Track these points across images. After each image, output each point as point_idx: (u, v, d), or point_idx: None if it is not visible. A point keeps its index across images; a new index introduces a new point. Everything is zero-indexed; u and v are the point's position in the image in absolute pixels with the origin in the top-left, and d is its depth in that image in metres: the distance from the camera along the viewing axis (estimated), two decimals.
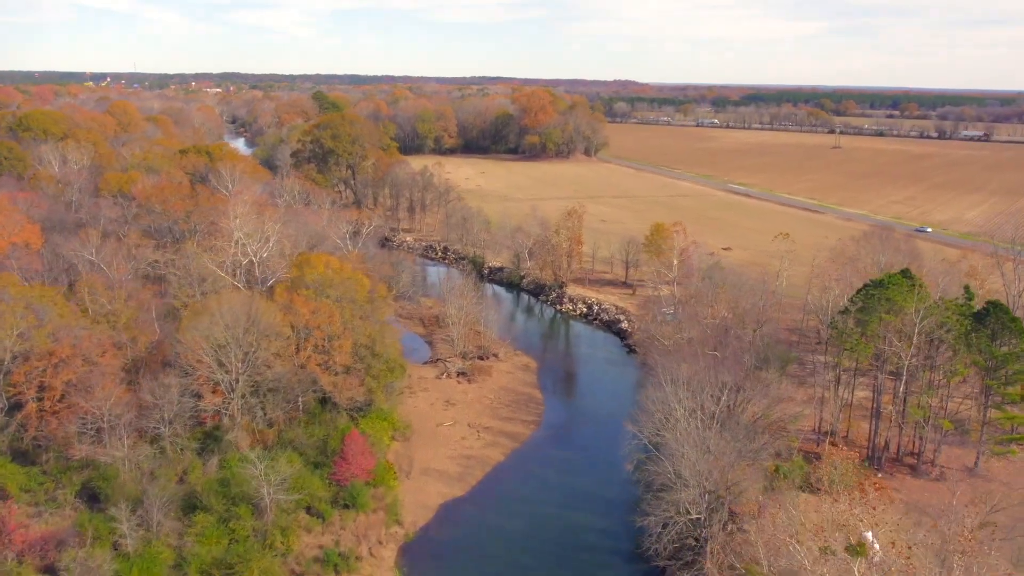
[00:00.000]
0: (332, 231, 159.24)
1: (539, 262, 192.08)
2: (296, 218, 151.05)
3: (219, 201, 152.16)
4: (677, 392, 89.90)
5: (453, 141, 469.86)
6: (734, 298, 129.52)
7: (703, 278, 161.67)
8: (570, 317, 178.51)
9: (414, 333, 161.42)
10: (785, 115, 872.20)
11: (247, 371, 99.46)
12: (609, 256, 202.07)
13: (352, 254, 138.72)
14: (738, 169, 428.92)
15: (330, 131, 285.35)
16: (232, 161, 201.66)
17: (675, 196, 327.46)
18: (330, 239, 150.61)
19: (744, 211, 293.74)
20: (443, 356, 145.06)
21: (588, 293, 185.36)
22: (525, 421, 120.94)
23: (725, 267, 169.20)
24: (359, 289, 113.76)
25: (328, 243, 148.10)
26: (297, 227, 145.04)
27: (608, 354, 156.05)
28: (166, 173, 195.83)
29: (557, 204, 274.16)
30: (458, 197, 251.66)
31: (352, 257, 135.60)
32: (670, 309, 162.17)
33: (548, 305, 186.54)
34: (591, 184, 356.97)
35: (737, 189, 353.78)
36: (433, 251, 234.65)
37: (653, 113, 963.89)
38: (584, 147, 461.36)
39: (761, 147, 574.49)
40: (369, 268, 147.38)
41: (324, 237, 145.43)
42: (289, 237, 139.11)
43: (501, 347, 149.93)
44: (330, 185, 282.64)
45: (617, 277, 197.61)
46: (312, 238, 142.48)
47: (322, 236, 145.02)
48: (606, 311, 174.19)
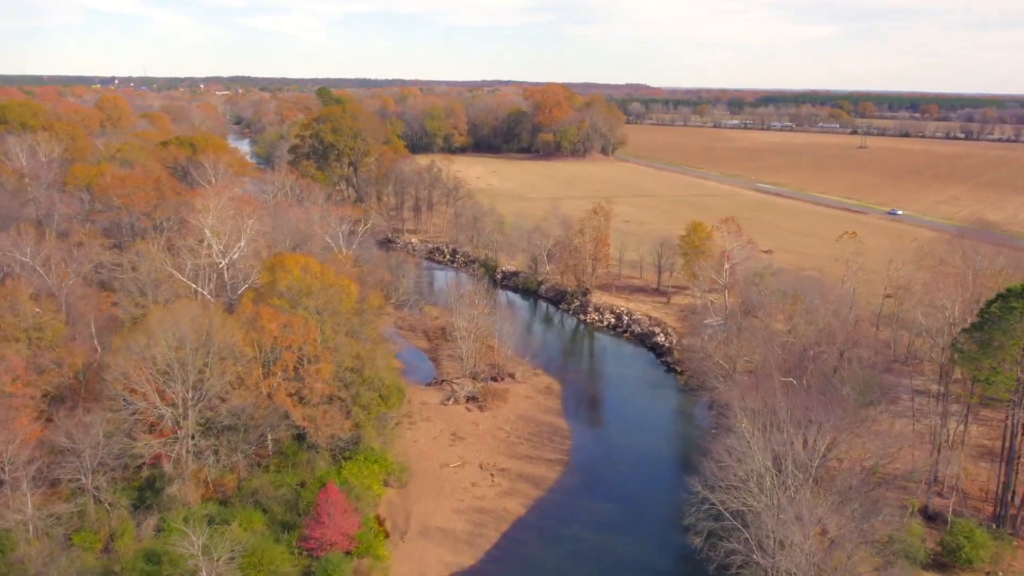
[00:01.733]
0: (323, 229, 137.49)
1: (560, 266, 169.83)
2: (280, 214, 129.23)
3: (191, 195, 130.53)
4: (761, 438, 67.33)
5: (463, 140, 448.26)
6: (806, 310, 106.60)
7: (751, 284, 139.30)
8: (596, 329, 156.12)
9: (416, 348, 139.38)
10: (805, 116, 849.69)
11: (197, 404, 77.56)
12: (638, 259, 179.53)
13: (342, 256, 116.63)
14: (764, 168, 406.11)
15: (330, 124, 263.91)
16: (216, 153, 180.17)
17: (701, 195, 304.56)
18: (318, 238, 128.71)
19: (779, 211, 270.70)
20: (450, 377, 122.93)
21: (616, 301, 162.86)
22: (549, 461, 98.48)
23: (778, 271, 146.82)
24: (345, 298, 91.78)
25: (316, 243, 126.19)
26: (280, 224, 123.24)
27: (643, 373, 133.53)
28: (141, 166, 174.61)
29: (575, 204, 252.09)
30: (468, 194, 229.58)
31: (342, 260, 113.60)
32: (717, 320, 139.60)
33: (570, 315, 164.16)
34: (610, 183, 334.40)
35: (767, 188, 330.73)
36: (440, 253, 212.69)
37: (668, 114, 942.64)
38: (601, 146, 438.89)
39: (784, 147, 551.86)
40: (363, 272, 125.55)
41: (310, 236, 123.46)
42: (268, 236, 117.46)
43: (518, 365, 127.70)
44: (330, 183, 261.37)
45: (648, 283, 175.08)
46: (297, 237, 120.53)
47: (307, 235, 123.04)
48: (638, 322, 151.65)
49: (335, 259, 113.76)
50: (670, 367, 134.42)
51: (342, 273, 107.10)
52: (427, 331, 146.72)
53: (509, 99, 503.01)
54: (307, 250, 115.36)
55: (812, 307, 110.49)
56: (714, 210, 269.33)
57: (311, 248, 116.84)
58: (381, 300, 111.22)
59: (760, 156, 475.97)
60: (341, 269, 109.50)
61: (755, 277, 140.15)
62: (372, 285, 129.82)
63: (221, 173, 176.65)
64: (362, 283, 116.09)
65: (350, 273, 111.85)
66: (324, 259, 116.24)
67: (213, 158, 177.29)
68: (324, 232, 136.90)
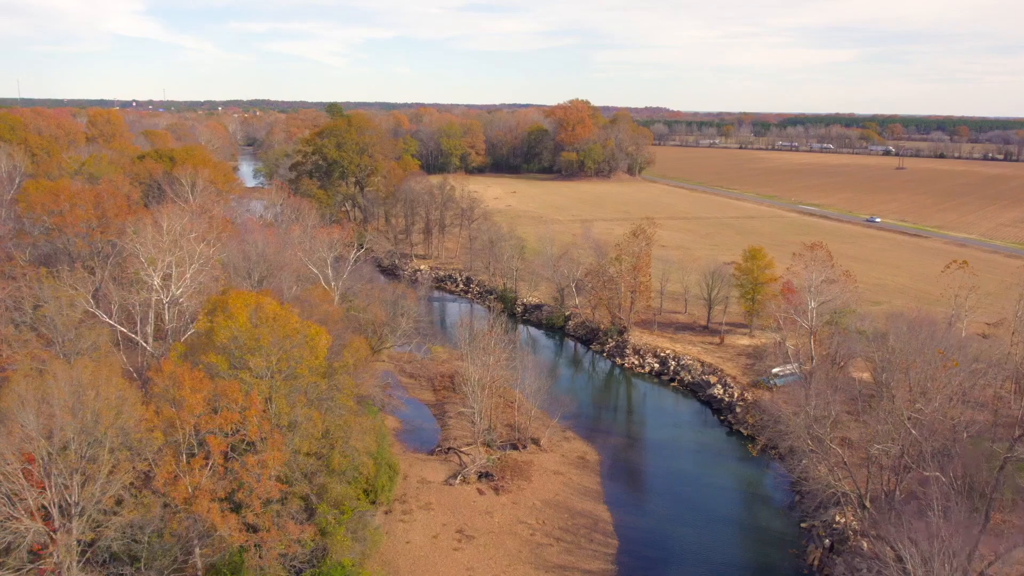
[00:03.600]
0: (307, 256, 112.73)
1: (591, 299, 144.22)
2: (246, 237, 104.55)
3: (144, 214, 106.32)
4: None
5: (481, 159, 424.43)
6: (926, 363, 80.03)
7: (828, 324, 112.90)
8: (635, 375, 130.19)
9: (419, 401, 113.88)
10: (835, 136, 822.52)
11: (75, 518, 52.39)
12: (682, 291, 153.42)
13: (320, 292, 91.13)
14: (802, 189, 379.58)
15: (334, 139, 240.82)
16: (195, 166, 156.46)
17: (740, 218, 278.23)
18: (296, 267, 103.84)
19: (830, 235, 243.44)
20: (458, 442, 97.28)
21: (659, 342, 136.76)
22: (589, 573, 72.35)
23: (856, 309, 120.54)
24: (310, 354, 66.52)
25: (295, 273, 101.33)
26: (249, 249, 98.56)
27: (699, 436, 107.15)
28: (107, 181, 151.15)
29: (604, 226, 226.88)
30: (484, 215, 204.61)
31: (320, 296, 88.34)
32: (788, 370, 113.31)
33: (603, 357, 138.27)
34: (640, 204, 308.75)
35: (811, 210, 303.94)
36: (452, 282, 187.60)
37: (692, 136, 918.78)
38: (627, 165, 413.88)
39: (818, 167, 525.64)
40: (351, 310, 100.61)
41: (283, 265, 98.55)
42: (229, 265, 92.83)
43: (544, 427, 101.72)
44: (334, 203, 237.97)
45: (695, 319, 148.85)
46: (265, 267, 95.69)
47: (280, 264, 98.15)
48: (687, 369, 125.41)
49: (313, 295, 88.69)
50: (732, 427, 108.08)
51: (316, 314, 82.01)
52: (433, 379, 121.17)
53: (529, 117, 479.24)
54: (277, 283, 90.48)
55: (929, 358, 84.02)
56: (758, 233, 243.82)
57: (282, 281, 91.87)
58: (367, 349, 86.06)
59: (795, 177, 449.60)
60: (316, 309, 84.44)
61: (834, 315, 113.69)
62: (363, 326, 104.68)
63: (200, 189, 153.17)
64: (346, 326, 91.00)
65: (331, 313, 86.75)
66: (299, 295, 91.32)
67: (191, 172, 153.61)
68: (308, 259, 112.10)
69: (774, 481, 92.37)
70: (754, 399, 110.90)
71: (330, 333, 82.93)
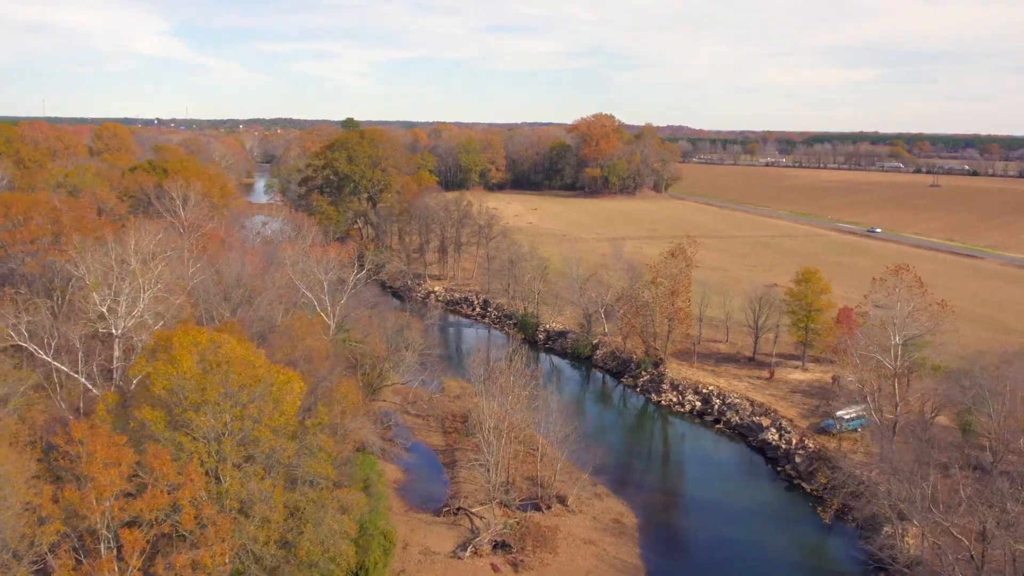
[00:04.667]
0: (300, 276, 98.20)
1: (623, 326, 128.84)
2: (224, 257, 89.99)
3: (108, 228, 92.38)
4: None
5: (501, 175, 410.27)
6: None
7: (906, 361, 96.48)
8: (673, 414, 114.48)
9: (426, 445, 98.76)
10: (864, 154, 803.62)
11: None
12: (723, 317, 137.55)
13: (298, 323, 76.16)
14: (837, 207, 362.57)
15: (346, 152, 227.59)
16: (187, 178, 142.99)
17: (776, 236, 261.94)
18: (283, 291, 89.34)
19: (877, 255, 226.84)
20: (470, 500, 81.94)
21: (700, 376, 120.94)
22: None
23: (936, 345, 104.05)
24: (277, 408, 51.66)
25: (278, 297, 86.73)
26: (225, 271, 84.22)
27: (755, 492, 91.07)
28: (90, 194, 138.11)
29: (631, 245, 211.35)
30: (504, 233, 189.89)
31: (302, 329, 73.49)
32: (856, 412, 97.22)
33: (636, 392, 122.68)
34: (668, 222, 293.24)
35: (850, 228, 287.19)
36: (469, 305, 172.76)
37: (716, 153, 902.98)
38: (653, 182, 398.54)
39: (849, 184, 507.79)
40: (344, 343, 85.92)
41: (263, 290, 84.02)
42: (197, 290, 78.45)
43: (572, 481, 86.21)
44: (344, 219, 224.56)
45: (738, 349, 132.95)
46: (243, 292, 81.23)
47: (259, 288, 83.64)
48: (734, 408, 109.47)
49: (296, 326, 73.99)
50: (792, 481, 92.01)
51: (298, 350, 67.25)
52: (443, 419, 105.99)
53: (551, 133, 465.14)
54: (255, 311, 75.91)
55: None
56: (797, 253, 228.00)
57: (261, 308, 77.29)
58: (357, 394, 71.30)
59: (827, 194, 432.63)
60: (299, 344, 69.71)
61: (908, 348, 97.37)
62: (360, 361, 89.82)
63: (192, 203, 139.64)
64: (337, 362, 76.23)
65: (316, 349, 72.00)
66: (280, 325, 76.76)
67: (183, 184, 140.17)
68: (301, 281, 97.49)
69: (851, 555, 76.20)
70: (817, 448, 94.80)
71: (316, 373, 68.25)
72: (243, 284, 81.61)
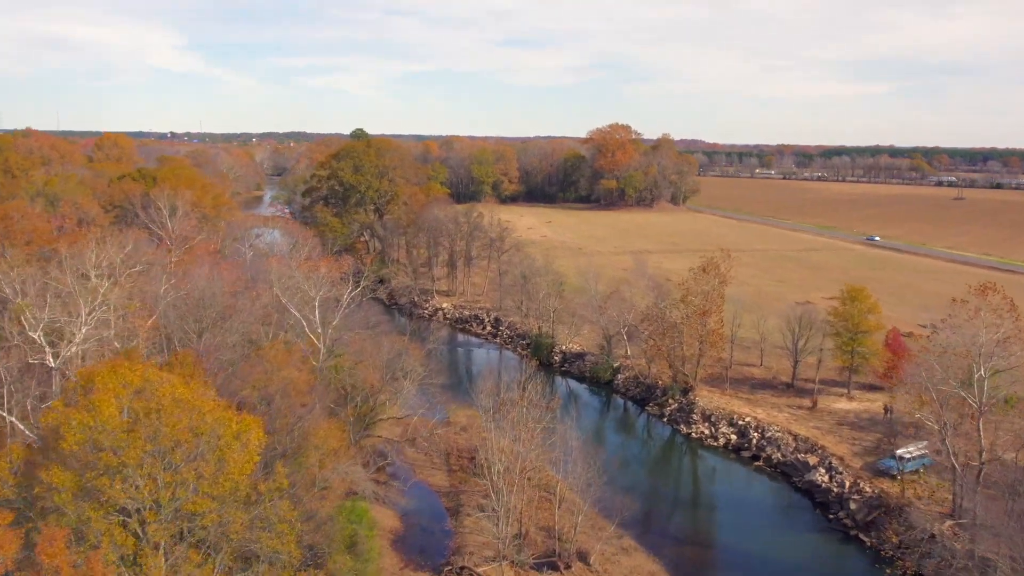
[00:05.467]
0: (287, 293, 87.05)
1: (647, 349, 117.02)
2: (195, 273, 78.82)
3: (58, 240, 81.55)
4: None
5: (514, 187, 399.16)
6: None
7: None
8: (705, 448, 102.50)
9: (427, 486, 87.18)
10: (883, 167, 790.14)
11: None
12: (757, 338, 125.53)
13: (273, 351, 64.80)
14: (861, 219, 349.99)
15: (351, 162, 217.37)
16: (176, 188, 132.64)
17: (803, 250, 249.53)
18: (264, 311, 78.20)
19: (910, 270, 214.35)
20: (475, 558, 70.22)
21: (734, 405, 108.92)
22: None
23: None
24: (220, 468, 40.26)
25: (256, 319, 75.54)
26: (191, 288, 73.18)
27: (806, 545, 78.85)
28: (69, 204, 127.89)
29: (651, 260, 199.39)
30: (516, 246, 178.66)
31: (278, 356, 62.25)
32: (918, 451, 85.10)
33: (663, 422, 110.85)
34: (688, 236, 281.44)
35: (880, 243, 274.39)
36: (479, 323, 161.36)
37: (733, 166, 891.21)
38: (671, 194, 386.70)
39: (870, 198, 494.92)
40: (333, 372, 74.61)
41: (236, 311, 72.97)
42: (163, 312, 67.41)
43: (594, 532, 74.34)
44: (349, 233, 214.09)
45: (773, 374, 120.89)
46: (213, 314, 70.15)
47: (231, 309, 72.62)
48: (775, 443, 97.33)
49: (270, 354, 62.73)
50: (848, 532, 79.80)
51: (273, 383, 56.01)
52: (449, 453, 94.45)
53: (565, 144, 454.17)
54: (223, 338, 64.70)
55: None
56: (826, 267, 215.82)
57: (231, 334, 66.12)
58: (338, 438, 60.05)
59: (849, 207, 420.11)
60: (274, 376, 58.44)
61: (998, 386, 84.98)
62: (351, 393, 78.45)
63: (180, 213, 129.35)
64: (321, 396, 64.89)
65: (294, 381, 60.71)
66: (252, 353, 65.50)
67: (169, 193, 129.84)
68: (289, 299, 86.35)
69: None
70: (875, 493, 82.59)
71: (294, 411, 56.91)
72: (213, 304, 70.48)
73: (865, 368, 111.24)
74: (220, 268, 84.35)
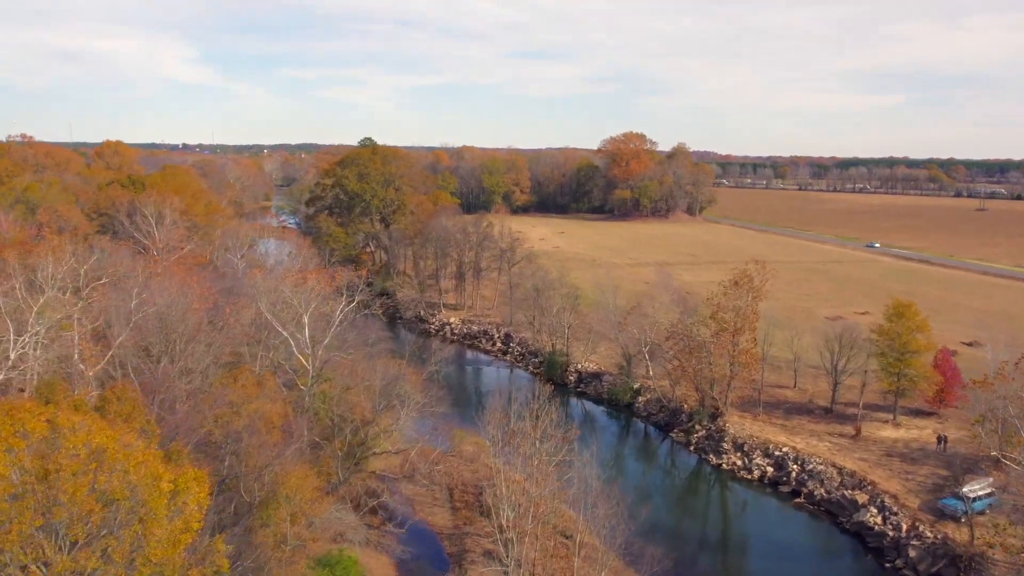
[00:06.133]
0: (272, 309, 77.72)
1: (672, 371, 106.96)
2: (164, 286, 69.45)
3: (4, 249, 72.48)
4: None
5: (526, 197, 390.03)
6: None
7: None
8: (738, 480, 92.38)
9: (427, 527, 77.40)
10: (901, 178, 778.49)
11: None
12: (790, 357, 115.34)
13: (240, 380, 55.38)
14: (883, 230, 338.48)
15: (356, 169, 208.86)
16: (164, 195, 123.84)
17: (828, 262, 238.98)
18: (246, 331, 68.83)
19: (944, 284, 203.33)
20: None
21: (769, 432, 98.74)
22: None
23: None
24: (145, 548, 30.62)
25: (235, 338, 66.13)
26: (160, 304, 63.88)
27: None
28: (48, 211, 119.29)
29: (670, 271, 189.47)
30: (528, 257, 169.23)
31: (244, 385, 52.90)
32: (984, 489, 74.94)
33: (689, 450, 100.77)
34: (707, 247, 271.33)
35: (906, 253, 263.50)
36: (488, 339, 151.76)
37: (748, 177, 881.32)
38: (687, 204, 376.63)
39: (890, 208, 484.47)
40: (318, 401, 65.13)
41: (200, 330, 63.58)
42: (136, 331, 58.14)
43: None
44: (353, 243, 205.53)
45: (809, 397, 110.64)
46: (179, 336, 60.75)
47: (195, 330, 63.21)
48: (818, 477, 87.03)
49: (238, 384, 53.30)
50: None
51: (240, 419, 46.67)
52: (452, 488, 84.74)
53: (578, 154, 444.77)
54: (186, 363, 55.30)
55: None
56: (854, 280, 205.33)
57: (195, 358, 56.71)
58: (311, 487, 50.53)
59: (870, 218, 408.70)
60: (242, 409, 48.97)
61: None
62: (339, 425, 68.87)
63: (168, 221, 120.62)
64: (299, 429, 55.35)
65: (266, 414, 51.23)
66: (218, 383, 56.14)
67: (157, 200, 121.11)
68: (271, 315, 76.97)
69: None
70: (938, 538, 72.24)
71: (265, 449, 47.53)
72: (182, 323, 60.95)
73: (912, 391, 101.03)
74: (193, 280, 75.00)
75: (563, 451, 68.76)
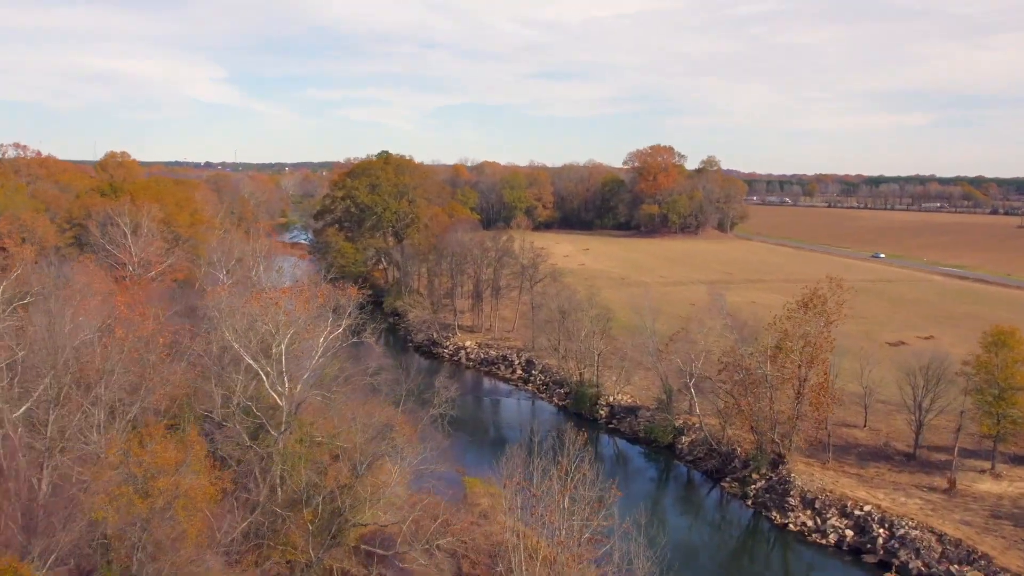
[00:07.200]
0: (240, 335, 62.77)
1: (726, 406, 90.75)
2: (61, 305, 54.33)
3: None
4: None
5: (548, 213, 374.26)
6: None
7: None
8: (808, 545, 75.88)
9: None
10: (934, 195, 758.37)
11: None
12: (860, 391, 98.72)
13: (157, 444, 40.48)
14: (924, 247, 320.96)
15: (367, 180, 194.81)
16: (141, 203, 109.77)
17: (875, 281, 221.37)
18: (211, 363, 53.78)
19: (1007, 304, 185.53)
20: None
21: (843, 485, 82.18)
22: None
23: None
24: None
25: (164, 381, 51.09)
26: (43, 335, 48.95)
27: None
28: (8, 219, 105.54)
29: (700, 290, 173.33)
30: (552, 275, 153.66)
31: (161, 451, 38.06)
32: None
33: (745, 504, 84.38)
34: (743, 265, 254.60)
35: (962, 273, 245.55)
36: (507, 366, 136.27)
37: (775, 194, 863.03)
38: (717, 220, 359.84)
39: (926, 226, 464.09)
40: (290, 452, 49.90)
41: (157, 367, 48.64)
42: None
43: None
44: (364, 259, 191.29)
45: (885, 439, 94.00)
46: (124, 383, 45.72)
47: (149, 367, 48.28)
48: (912, 546, 70.31)
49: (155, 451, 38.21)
50: None
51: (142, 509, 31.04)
52: (460, 557, 68.88)
53: (602, 168, 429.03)
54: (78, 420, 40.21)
55: None
56: (909, 300, 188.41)
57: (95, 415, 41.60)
58: None
59: (908, 235, 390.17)
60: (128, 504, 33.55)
61: None
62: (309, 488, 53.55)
63: (145, 231, 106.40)
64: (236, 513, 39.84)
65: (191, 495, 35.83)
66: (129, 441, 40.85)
67: (132, 209, 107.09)
68: (242, 343, 62.04)
69: None
70: None
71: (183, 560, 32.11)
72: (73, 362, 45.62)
73: (1013, 435, 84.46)
74: (119, 299, 59.79)
75: (599, 516, 53.35)
